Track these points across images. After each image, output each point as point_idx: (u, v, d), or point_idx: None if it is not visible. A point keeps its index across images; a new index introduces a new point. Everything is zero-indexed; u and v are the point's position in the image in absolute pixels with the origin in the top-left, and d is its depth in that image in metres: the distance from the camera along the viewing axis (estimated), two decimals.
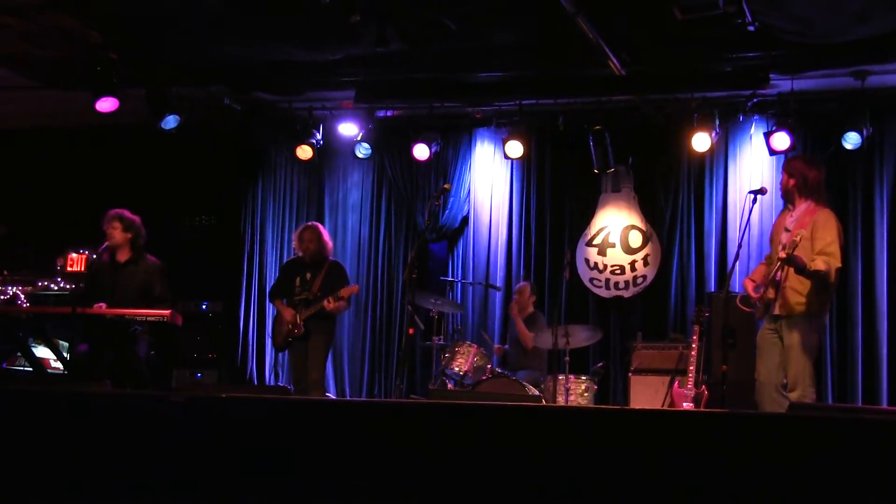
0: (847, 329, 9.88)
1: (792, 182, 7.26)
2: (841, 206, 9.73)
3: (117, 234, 8.22)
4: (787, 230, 7.10)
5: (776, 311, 7.10)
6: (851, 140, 9.63)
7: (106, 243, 8.31)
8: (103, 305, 7.93)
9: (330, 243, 9.15)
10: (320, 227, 9.20)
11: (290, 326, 8.82)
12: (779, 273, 7.07)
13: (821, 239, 7.00)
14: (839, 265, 7.01)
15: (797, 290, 7.00)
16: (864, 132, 9.58)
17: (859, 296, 9.86)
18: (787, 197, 7.33)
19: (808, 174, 7.26)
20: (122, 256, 8.29)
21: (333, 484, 4.02)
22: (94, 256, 8.32)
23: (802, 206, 7.18)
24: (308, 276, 8.93)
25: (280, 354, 11.00)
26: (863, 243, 9.93)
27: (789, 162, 7.57)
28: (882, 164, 9.99)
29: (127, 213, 8.31)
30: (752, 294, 7.24)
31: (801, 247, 6.89)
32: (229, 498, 4.12)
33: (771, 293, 7.13)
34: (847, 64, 9.33)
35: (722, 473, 3.67)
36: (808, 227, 7.03)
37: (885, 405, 9.48)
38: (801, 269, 6.88)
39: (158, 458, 4.21)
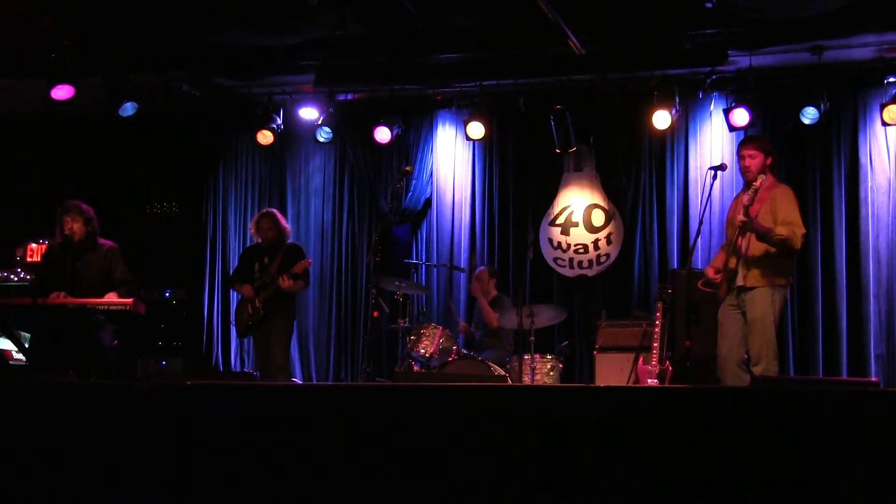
0: (807, 302, 9.97)
1: (770, 159, 7.32)
2: (799, 179, 9.85)
3: (78, 226, 8.05)
4: (745, 206, 7.13)
5: (739, 283, 7.15)
6: (809, 115, 9.72)
7: (63, 233, 8.15)
8: (62, 295, 7.82)
9: (288, 228, 9.17)
10: (277, 213, 9.21)
11: (250, 310, 8.82)
12: (740, 239, 7.11)
13: (782, 210, 7.11)
14: (804, 230, 7.12)
15: (760, 259, 7.06)
16: (822, 107, 9.67)
17: (819, 269, 9.95)
18: (758, 173, 7.26)
19: (772, 152, 7.39)
20: (79, 245, 8.08)
21: (302, 468, 4.02)
22: (50, 246, 8.20)
23: (759, 183, 7.19)
24: (266, 260, 8.99)
25: (245, 340, 10.96)
26: (822, 216, 10.01)
27: (758, 140, 7.63)
28: (839, 137, 10.06)
29: (83, 205, 8.17)
30: (714, 277, 7.30)
31: (762, 219, 6.97)
32: (197, 486, 4.11)
33: (733, 262, 7.17)
34: (804, 39, 9.39)
35: (686, 447, 3.71)
36: (768, 201, 7.11)
37: (845, 376, 9.60)
38: (764, 235, 6.94)
39: (124, 448, 4.18)
